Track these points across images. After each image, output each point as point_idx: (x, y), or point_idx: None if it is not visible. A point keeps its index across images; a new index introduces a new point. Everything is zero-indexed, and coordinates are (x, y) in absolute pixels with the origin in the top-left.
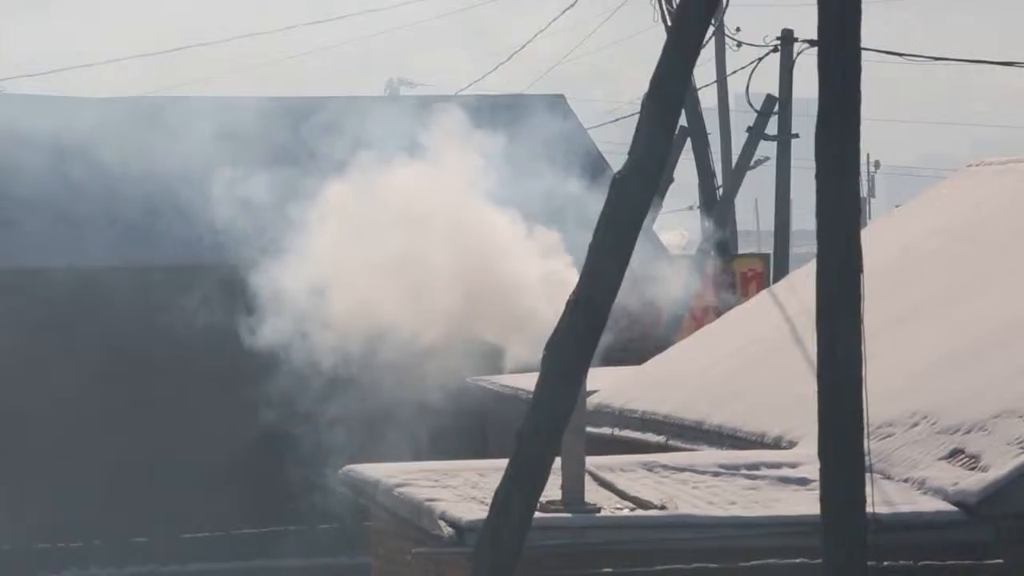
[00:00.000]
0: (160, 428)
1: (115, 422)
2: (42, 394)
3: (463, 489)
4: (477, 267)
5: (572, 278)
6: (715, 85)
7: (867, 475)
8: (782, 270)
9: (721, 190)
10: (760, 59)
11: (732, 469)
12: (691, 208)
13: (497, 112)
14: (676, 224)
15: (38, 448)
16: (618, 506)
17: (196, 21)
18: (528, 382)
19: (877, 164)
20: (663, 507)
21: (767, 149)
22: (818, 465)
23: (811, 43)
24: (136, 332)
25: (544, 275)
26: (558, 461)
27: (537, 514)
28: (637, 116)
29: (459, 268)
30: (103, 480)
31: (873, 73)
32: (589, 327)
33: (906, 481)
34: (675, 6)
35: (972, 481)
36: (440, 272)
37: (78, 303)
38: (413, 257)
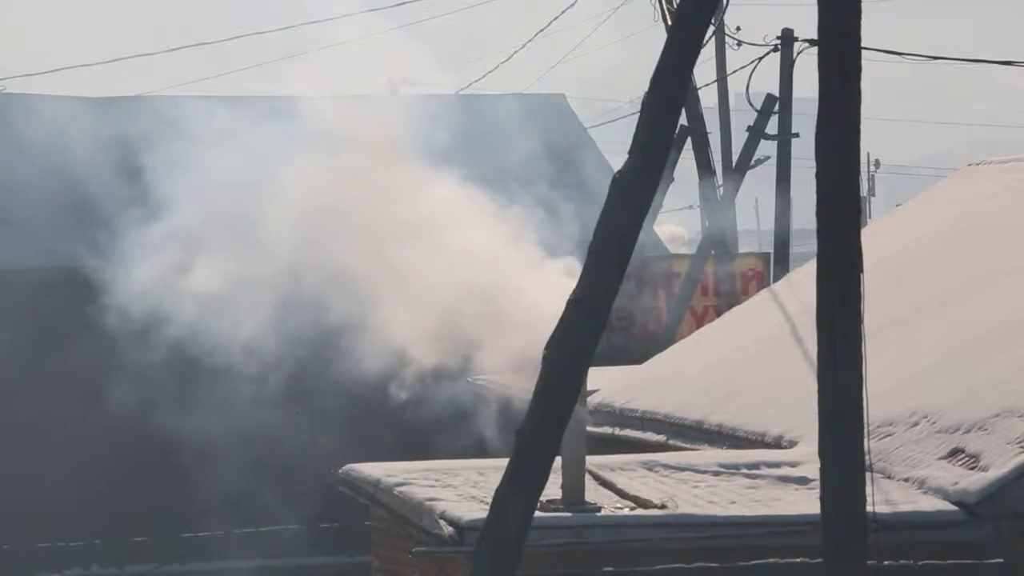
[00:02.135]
0: (157, 428)
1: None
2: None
3: (463, 489)
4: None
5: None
6: (715, 84)
7: (867, 475)
8: (782, 270)
9: (721, 189)
10: (760, 59)
11: (732, 468)
12: (691, 207)
13: (497, 112)
14: (676, 224)
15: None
16: (618, 505)
17: (196, 21)
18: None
19: (877, 164)
20: (663, 506)
21: (767, 148)
22: (818, 465)
23: (811, 43)
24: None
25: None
26: (558, 461)
27: (537, 514)
28: (637, 116)
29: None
30: (101, 479)
31: (873, 73)
32: (589, 327)
33: (906, 480)
34: (675, 6)
35: (972, 480)
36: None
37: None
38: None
